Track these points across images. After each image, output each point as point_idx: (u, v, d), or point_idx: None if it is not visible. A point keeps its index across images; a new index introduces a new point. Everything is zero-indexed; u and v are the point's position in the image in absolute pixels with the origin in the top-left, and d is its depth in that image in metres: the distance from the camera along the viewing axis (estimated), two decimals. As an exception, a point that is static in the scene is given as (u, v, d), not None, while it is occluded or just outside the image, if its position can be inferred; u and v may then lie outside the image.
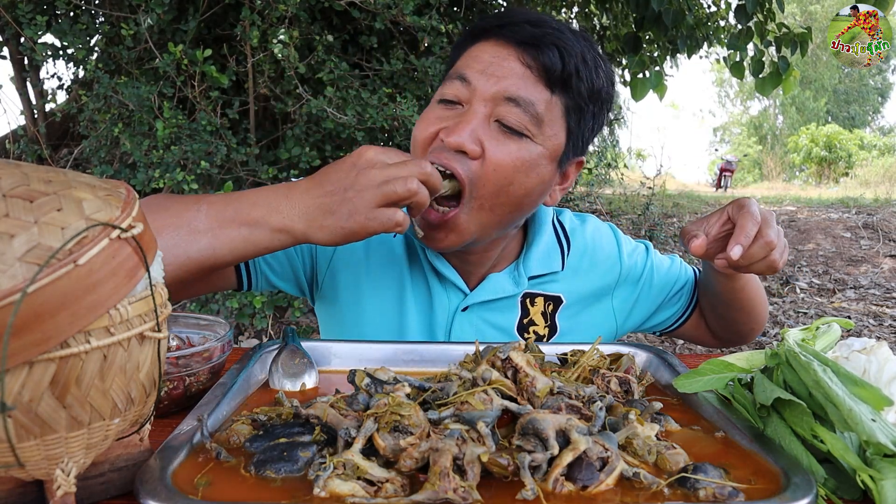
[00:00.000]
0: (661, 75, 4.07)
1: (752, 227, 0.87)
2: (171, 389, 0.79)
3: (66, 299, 0.45)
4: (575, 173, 1.04)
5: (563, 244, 1.13)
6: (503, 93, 0.89)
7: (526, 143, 0.91)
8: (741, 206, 0.90)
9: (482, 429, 0.60)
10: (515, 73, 0.89)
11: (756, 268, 0.90)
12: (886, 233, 6.58)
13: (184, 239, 0.80)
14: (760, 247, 0.87)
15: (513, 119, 0.89)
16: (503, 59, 0.90)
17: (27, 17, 2.83)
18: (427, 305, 1.09)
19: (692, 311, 1.20)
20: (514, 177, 0.91)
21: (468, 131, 0.88)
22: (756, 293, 1.11)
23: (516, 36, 0.90)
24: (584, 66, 0.91)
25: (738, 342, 1.22)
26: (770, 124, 27.22)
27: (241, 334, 3.41)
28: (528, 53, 0.89)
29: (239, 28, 2.88)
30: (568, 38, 0.90)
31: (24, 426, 0.47)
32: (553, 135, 0.93)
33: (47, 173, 0.51)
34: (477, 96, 0.90)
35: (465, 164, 0.89)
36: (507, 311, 1.10)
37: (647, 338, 4.00)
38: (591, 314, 1.14)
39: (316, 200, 0.80)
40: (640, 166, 14.61)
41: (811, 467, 0.63)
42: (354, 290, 1.11)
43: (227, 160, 2.93)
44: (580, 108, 0.94)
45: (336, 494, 0.55)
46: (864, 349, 0.77)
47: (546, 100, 0.91)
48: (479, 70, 0.90)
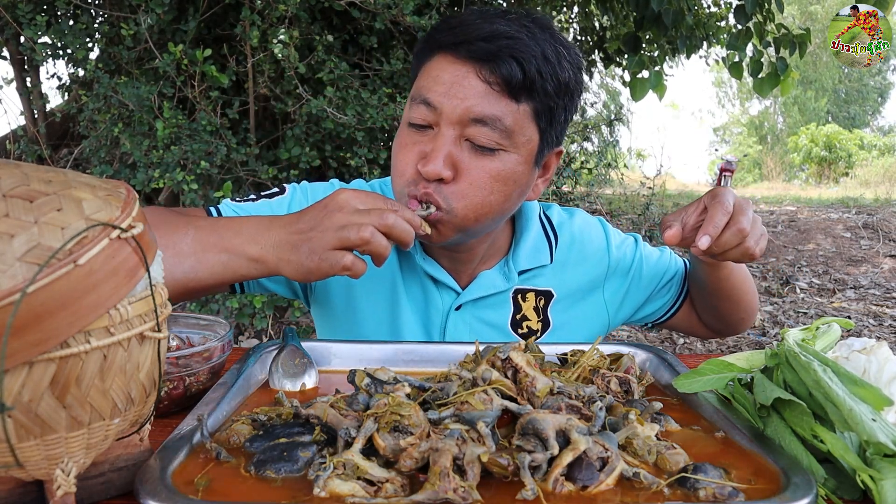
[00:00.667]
0: (660, 75, 4.06)
1: (722, 217, 0.87)
2: (171, 389, 0.79)
3: (65, 299, 0.45)
4: (556, 163, 1.05)
5: (551, 237, 1.15)
6: (468, 114, 0.90)
7: (499, 156, 0.92)
8: (714, 195, 0.91)
9: (482, 429, 0.60)
10: (477, 92, 0.89)
11: (731, 255, 0.91)
12: (886, 233, 6.58)
13: (169, 261, 0.82)
14: (733, 234, 0.88)
15: (483, 139, 0.91)
16: (463, 78, 0.90)
17: (27, 17, 2.83)
18: (421, 306, 1.11)
19: (682, 302, 1.21)
20: (491, 187, 0.93)
21: (441, 158, 0.90)
22: (742, 283, 1.12)
23: (473, 54, 0.90)
24: (546, 65, 0.90)
25: (729, 332, 1.22)
26: (770, 124, 27.23)
27: (241, 334, 3.41)
28: (486, 69, 0.89)
29: (239, 28, 2.88)
30: (525, 44, 0.89)
31: (24, 426, 0.47)
32: (526, 141, 0.94)
33: (47, 173, 0.51)
34: (444, 119, 0.91)
35: (441, 192, 0.91)
36: (499, 308, 1.11)
37: (647, 338, 4.00)
38: (583, 307, 1.16)
39: (288, 236, 0.83)
40: (640, 166, 14.60)
41: (811, 467, 0.63)
42: (347, 293, 1.12)
43: (227, 160, 2.93)
44: (550, 108, 0.94)
45: (336, 494, 0.55)
46: (864, 349, 0.77)
47: (513, 111, 0.91)
48: (442, 93, 0.91)
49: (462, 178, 0.92)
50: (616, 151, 8.84)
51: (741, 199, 0.91)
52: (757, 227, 0.91)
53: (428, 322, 1.10)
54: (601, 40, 5.38)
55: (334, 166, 3.31)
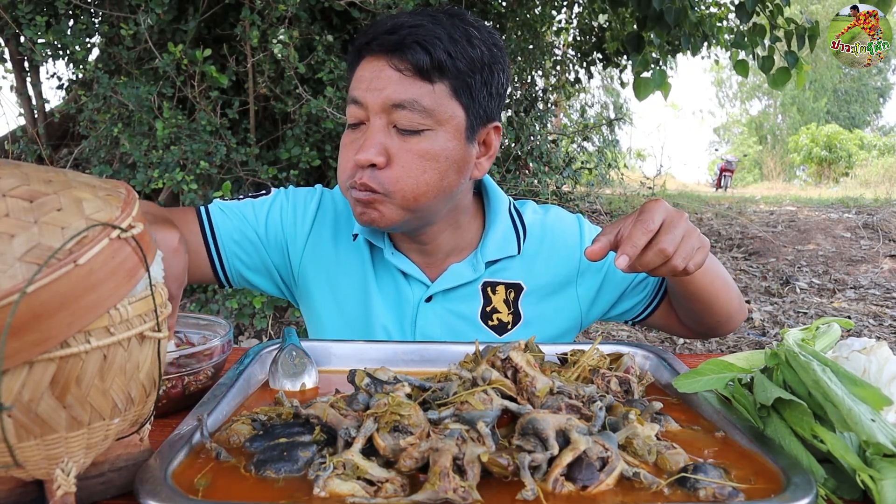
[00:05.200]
0: (664, 74, 4.05)
1: (641, 237, 0.84)
2: (170, 388, 0.79)
3: (65, 299, 0.45)
4: (496, 139, 1.08)
5: (519, 229, 1.17)
6: (389, 101, 0.97)
7: (426, 136, 0.98)
8: (643, 210, 0.88)
9: (482, 429, 0.60)
10: (392, 80, 0.97)
11: (659, 273, 0.88)
12: (886, 233, 6.58)
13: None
14: (654, 254, 0.85)
15: (405, 122, 0.97)
16: (380, 71, 0.98)
17: (27, 17, 2.83)
18: (393, 300, 1.15)
19: (660, 302, 1.20)
20: (423, 166, 0.98)
21: (372, 146, 0.97)
22: (712, 287, 1.08)
23: (382, 47, 0.98)
24: (453, 45, 0.97)
25: (710, 335, 1.20)
26: (770, 124, 27.22)
27: (241, 334, 3.41)
28: (396, 58, 0.97)
29: (239, 28, 2.88)
30: (427, 29, 0.97)
31: (24, 426, 0.47)
32: (449, 117, 1.00)
33: (47, 173, 0.51)
34: (371, 112, 0.99)
35: (377, 178, 0.98)
36: (468, 300, 1.14)
37: (647, 337, 4.00)
38: (556, 301, 1.16)
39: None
40: (640, 166, 14.62)
41: (811, 467, 0.63)
42: (325, 289, 1.17)
43: (227, 160, 2.93)
44: (467, 84, 1.00)
45: (336, 494, 0.55)
46: (864, 349, 0.77)
47: (429, 91, 0.98)
48: (365, 88, 0.99)
49: (395, 163, 0.98)
50: (616, 151, 8.84)
51: (673, 214, 0.87)
52: (689, 242, 0.87)
53: (400, 315, 1.14)
54: (600, 41, 5.38)
55: (334, 166, 3.31)
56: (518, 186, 4.54)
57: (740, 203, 9.80)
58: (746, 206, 9.19)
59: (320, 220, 1.18)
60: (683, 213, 0.89)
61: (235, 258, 1.14)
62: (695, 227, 0.90)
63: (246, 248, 1.14)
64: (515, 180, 4.64)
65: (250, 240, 1.14)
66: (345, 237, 1.17)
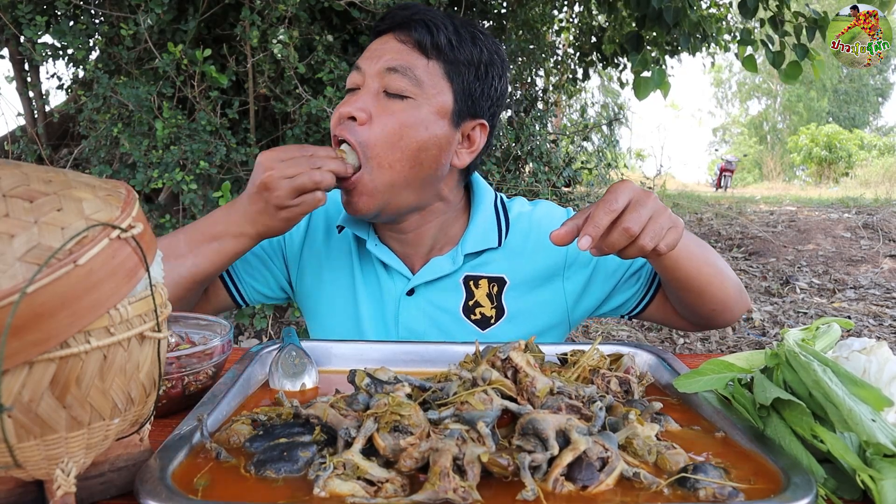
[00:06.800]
0: (664, 73, 4.03)
1: (603, 217, 0.83)
2: (170, 388, 0.79)
3: (65, 299, 0.45)
4: (482, 137, 1.10)
5: (502, 222, 1.18)
6: (385, 66, 1.03)
7: (410, 103, 1.02)
8: (610, 191, 0.86)
9: (482, 429, 0.60)
10: (394, 49, 1.04)
11: (628, 253, 0.87)
12: (886, 233, 6.58)
13: (172, 265, 1.00)
14: (619, 234, 0.84)
15: (394, 85, 1.02)
16: (384, 43, 1.05)
17: (27, 17, 2.82)
18: (376, 293, 1.16)
19: (654, 294, 1.18)
20: (402, 132, 1.01)
21: (357, 103, 1.02)
22: (700, 274, 1.04)
23: (391, 23, 1.06)
24: (456, 36, 1.04)
25: (708, 326, 1.17)
26: (770, 124, 27.22)
27: (241, 334, 3.40)
28: (402, 32, 1.04)
29: (239, 28, 2.88)
30: (436, 14, 1.05)
31: (24, 426, 0.47)
32: (436, 94, 1.04)
33: (47, 173, 0.51)
34: (367, 76, 1.04)
35: (354, 131, 1.01)
36: (450, 293, 1.14)
37: (647, 337, 4.00)
38: (541, 295, 1.16)
39: (251, 206, 0.99)
40: (640, 166, 14.60)
41: (811, 467, 0.63)
42: (317, 285, 1.20)
43: (227, 160, 2.93)
44: (459, 71, 1.05)
45: (336, 494, 0.55)
46: (864, 349, 0.77)
47: (423, 65, 1.03)
48: (367, 57, 1.06)
49: (374, 122, 1.01)
50: (616, 151, 8.83)
51: (639, 194, 0.85)
52: (657, 221, 0.85)
53: (383, 307, 1.15)
54: (599, 42, 5.38)
55: (334, 166, 3.31)
56: (518, 186, 4.54)
57: (740, 203, 9.80)
58: (746, 207, 9.19)
59: (314, 223, 1.22)
60: (651, 193, 0.87)
61: (247, 276, 1.20)
62: (666, 207, 0.88)
63: (254, 265, 1.20)
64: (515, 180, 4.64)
65: (255, 254, 1.19)
66: (334, 232, 1.20)
